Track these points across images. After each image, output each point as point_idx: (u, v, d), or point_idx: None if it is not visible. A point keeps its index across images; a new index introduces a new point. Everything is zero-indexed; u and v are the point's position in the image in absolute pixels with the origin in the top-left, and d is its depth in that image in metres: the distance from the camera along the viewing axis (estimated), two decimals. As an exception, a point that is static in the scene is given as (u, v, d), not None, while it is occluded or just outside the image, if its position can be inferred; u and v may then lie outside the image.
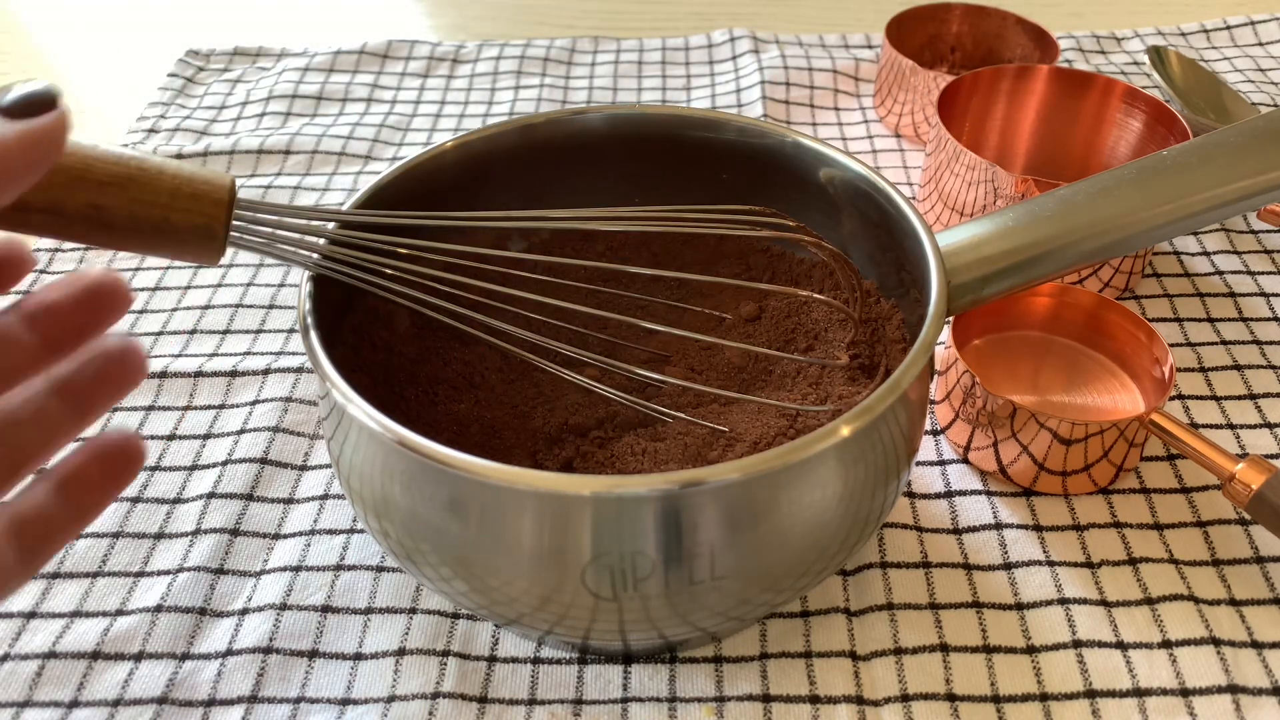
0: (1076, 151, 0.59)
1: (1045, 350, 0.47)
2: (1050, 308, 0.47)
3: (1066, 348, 0.47)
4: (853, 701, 0.35)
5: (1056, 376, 0.46)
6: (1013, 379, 0.46)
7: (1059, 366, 0.46)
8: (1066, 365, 0.46)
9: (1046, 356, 0.47)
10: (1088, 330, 0.47)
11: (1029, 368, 0.46)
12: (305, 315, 0.33)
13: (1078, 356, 0.47)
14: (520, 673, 0.37)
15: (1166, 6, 0.84)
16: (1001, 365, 0.46)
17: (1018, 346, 0.47)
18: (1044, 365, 0.47)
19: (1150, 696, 0.35)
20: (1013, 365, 0.46)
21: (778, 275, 0.44)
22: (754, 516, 0.29)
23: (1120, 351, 0.46)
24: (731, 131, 0.42)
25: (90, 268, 0.22)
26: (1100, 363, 0.46)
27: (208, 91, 0.73)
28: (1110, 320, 0.46)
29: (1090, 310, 0.46)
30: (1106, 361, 0.46)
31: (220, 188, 0.29)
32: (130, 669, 0.37)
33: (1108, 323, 0.46)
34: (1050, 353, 0.47)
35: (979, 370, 0.45)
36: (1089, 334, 0.47)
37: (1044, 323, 0.48)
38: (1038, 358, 0.47)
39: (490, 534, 0.30)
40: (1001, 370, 0.46)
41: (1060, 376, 0.46)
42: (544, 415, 0.39)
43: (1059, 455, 0.41)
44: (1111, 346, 0.46)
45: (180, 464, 0.45)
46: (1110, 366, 0.46)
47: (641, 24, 0.84)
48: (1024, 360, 0.47)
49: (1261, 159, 0.39)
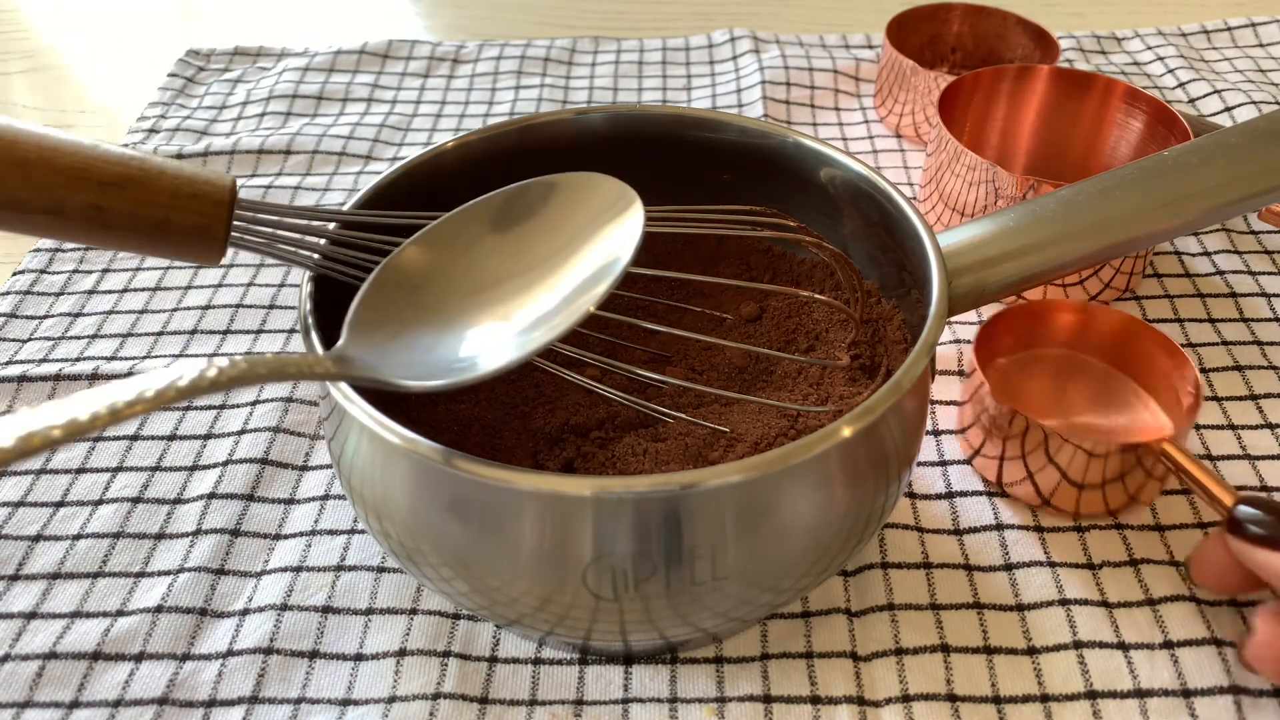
0: (1077, 152, 0.59)
1: (1072, 369, 0.45)
2: (1076, 325, 0.45)
3: (1094, 368, 0.45)
4: (854, 702, 0.35)
5: (1081, 397, 0.44)
6: (1042, 400, 0.44)
7: (1085, 387, 0.44)
8: (1093, 386, 0.44)
9: (1074, 376, 0.45)
10: (1115, 350, 0.45)
11: (1057, 388, 0.45)
12: (306, 316, 0.33)
13: (1106, 378, 0.45)
14: (521, 673, 0.37)
15: (1167, 7, 0.84)
16: (1031, 385, 0.45)
17: (1043, 364, 0.46)
18: (1070, 385, 0.45)
19: (1151, 697, 0.35)
20: (1041, 385, 0.45)
21: (778, 275, 0.44)
22: (755, 517, 0.29)
23: (1146, 375, 0.44)
24: (732, 132, 0.42)
25: None
26: (1127, 385, 0.44)
27: (208, 91, 0.73)
28: (1139, 342, 0.43)
29: (1118, 330, 0.44)
30: (1132, 384, 0.44)
31: (221, 188, 0.29)
32: (131, 669, 0.37)
33: (1136, 344, 0.44)
34: (1078, 372, 0.45)
35: (1003, 390, 0.44)
36: (1117, 355, 0.45)
37: (1071, 341, 0.46)
38: (1065, 377, 0.45)
39: (491, 534, 0.30)
40: (1033, 392, 0.44)
41: (1085, 397, 0.44)
42: (544, 415, 0.38)
43: (1085, 477, 0.39)
44: (1138, 369, 0.44)
45: (181, 464, 0.45)
46: (1135, 389, 0.44)
47: (642, 24, 0.84)
48: (1052, 380, 0.45)
49: (1262, 159, 0.39)
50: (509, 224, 0.31)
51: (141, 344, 0.51)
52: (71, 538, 0.41)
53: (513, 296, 0.30)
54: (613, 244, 0.29)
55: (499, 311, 0.29)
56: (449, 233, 0.31)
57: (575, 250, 0.29)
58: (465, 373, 0.27)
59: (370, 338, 0.28)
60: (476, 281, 0.30)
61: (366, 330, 0.28)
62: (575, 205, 0.30)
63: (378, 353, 0.28)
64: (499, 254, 0.30)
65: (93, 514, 0.42)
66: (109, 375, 0.48)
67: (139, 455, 0.45)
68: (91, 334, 0.52)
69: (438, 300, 0.30)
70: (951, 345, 0.50)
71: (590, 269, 0.29)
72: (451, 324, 0.29)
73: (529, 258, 0.30)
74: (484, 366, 0.27)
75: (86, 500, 0.43)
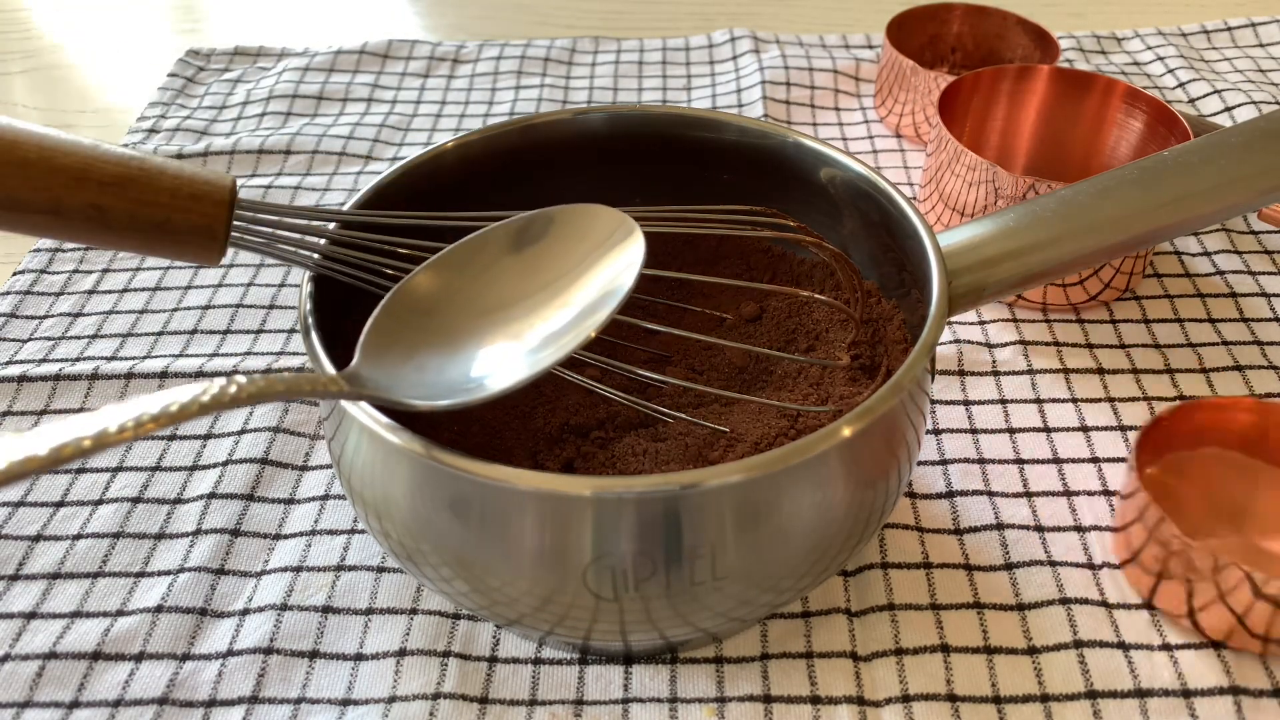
0: (1077, 152, 0.59)
1: (1246, 476, 0.40)
2: (1255, 426, 0.40)
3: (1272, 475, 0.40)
4: (854, 702, 0.35)
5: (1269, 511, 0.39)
6: (1214, 513, 0.39)
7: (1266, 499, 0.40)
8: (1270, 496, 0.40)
9: (1253, 484, 0.40)
10: None
11: (1231, 497, 0.40)
12: (306, 315, 0.33)
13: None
14: (521, 673, 0.37)
15: (1167, 7, 0.84)
16: (1195, 492, 0.40)
17: (1207, 467, 0.41)
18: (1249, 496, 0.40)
19: (1152, 698, 0.35)
20: (1211, 494, 0.40)
21: (779, 275, 0.44)
22: (755, 517, 0.29)
23: None
24: (732, 132, 0.42)
25: None
26: None
27: (208, 91, 0.73)
28: None
29: None
30: None
31: (221, 188, 0.29)
32: (131, 669, 0.37)
33: None
34: (1256, 479, 0.40)
35: (1165, 498, 0.39)
36: None
37: (1246, 443, 0.41)
38: (1240, 485, 0.40)
39: (491, 534, 0.30)
40: (1196, 499, 0.40)
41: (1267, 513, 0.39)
42: (544, 415, 0.38)
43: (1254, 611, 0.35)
44: None
45: (181, 464, 0.45)
46: None
47: (642, 24, 0.84)
48: (1223, 487, 0.40)
49: (1262, 159, 0.39)
50: (516, 252, 0.32)
51: (141, 344, 0.51)
52: (71, 538, 0.41)
53: (519, 320, 0.31)
54: (615, 270, 0.30)
55: (507, 334, 0.31)
56: (458, 260, 0.32)
57: (579, 277, 0.31)
58: (474, 393, 0.29)
59: (382, 359, 0.29)
60: (485, 306, 0.31)
61: (379, 352, 0.29)
62: (578, 235, 0.32)
63: (390, 373, 0.29)
64: (506, 280, 0.32)
65: (93, 514, 0.42)
66: (109, 375, 0.48)
67: (139, 455, 0.45)
68: (91, 334, 0.52)
69: (447, 324, 0.31)
70: (951, 345, 0.50)
71: (594, 294, 0.30)
72: (461, 346, 0.30)
73: (535, 283, 0.32)
74: (492, 387, 0.29)
75: (86, 500, 0.43)
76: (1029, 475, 0.43)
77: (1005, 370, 0.49)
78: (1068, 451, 0.44)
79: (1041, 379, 0.48)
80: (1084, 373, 0.48)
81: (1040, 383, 0.48)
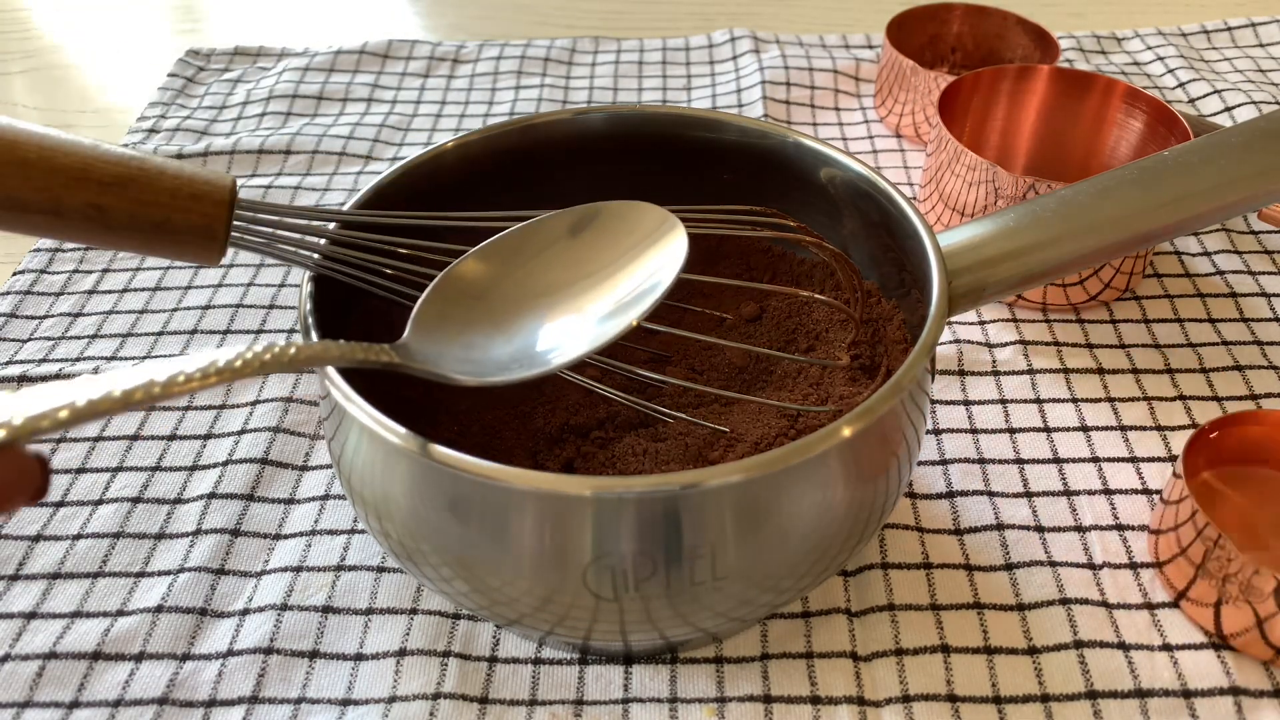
0: (1077, 152, 0.59)
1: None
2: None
3: None
4: (854, 702, 0.35)
5: None
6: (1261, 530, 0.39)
7: None
8: None
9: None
10: None
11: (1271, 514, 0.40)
12: (306, 316, 0.33)
13: None
14: (521, 673, 0.37)
15: (1167, 7, 0.84)
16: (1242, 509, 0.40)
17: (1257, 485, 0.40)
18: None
19: (1151, 697, 0.35)
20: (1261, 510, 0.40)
21: (779, 275, 0.44)
22: (755, 517, 0.29)
23: None
24: (732, 132, 0.42)
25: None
26: None
27: (208, 91, 0.73)
28: None
29: None
30: None
31: (221, 188, 0.29)
32: (131, 669, 0.37)
33: None
34: None
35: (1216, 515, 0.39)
36: None
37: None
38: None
39: (491, 534, 0.30)
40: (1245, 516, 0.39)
41: None
42: (544, 415, 0.38)
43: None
44: None
45: (181, 464, 0.45)
46: None
47: (642, 24, 0.84)
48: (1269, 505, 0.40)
49: (1262, 159, 0.39)
50: (564, 242, 0.34)
51: (142, 344, 0.51)
52: (71, 538, 0.41)
53: (564, 306, 0.32)
54: (658, 264, 0.31)
55: (552, 319, 0.32)
56: (509, 247, 0.33)
57: (623, 268, 0.32)
58: (515, 373, 0.30)
59: (432, 335, 0.31)
60: (533, 291, 0.33)
61: (430, 328, 0.31)
62: (625, 230, 0.33)
63: (439, 349, 0.30)
64: (554, 268, 0.33)
65: (93, 514, 0.42)
66: (109, 375, 0.48)
67: (139, 455, 0.45)
68: (91, 334, 0.52)
69: (497, 307, 0.32)
70: (951, 345, 0.50)
71: (637, 285, 0.31)
72: (508, 329, 0.32)
73: (580, 272, 0.33)
74: (531, 368, 0.30)
75: (86, 500, 0.43)
76: (1029, 475, 0.43)
77: (1005, 370, 0.49)
78: (1068, 451, 0.44)
79: (1041, 379, 0.48)
80: (1084, 373, 0.48)
81: (1040, 383, 0.48)
